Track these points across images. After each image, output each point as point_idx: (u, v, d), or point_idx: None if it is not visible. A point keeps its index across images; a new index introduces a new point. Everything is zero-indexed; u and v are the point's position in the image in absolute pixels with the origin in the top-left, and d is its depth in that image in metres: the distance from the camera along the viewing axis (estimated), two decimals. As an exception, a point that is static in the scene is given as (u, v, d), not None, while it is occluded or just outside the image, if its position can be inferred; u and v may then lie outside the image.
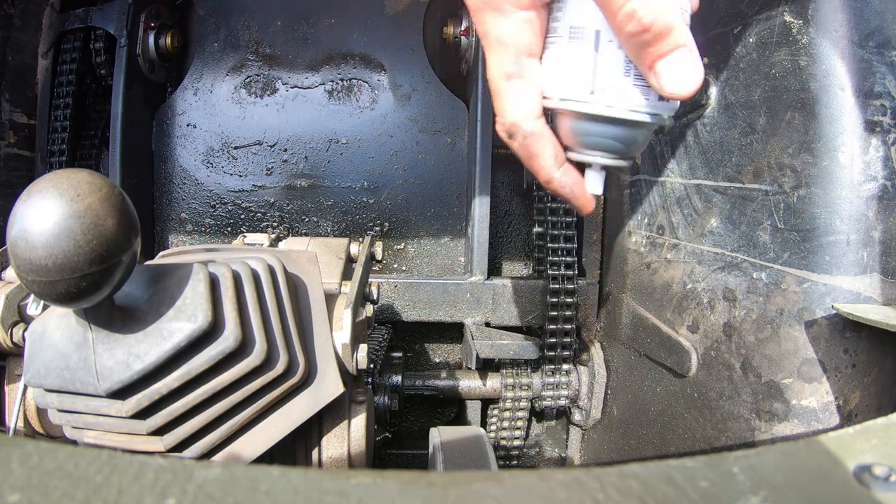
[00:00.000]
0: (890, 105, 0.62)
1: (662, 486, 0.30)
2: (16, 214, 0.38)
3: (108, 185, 0.40)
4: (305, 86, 1.20)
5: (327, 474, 0.30)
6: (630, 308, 0.96)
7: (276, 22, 1.20)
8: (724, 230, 0.74)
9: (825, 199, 0.63)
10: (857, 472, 0.32)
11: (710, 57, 0.77)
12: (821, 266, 0.63)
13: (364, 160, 1.20)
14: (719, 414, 0.73)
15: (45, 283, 0.38)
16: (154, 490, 0.28)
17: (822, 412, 0.63)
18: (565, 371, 1.08)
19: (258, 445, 0.54)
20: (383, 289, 1.08)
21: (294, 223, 1.21)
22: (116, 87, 1.13)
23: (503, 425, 1.14)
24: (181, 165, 1.21)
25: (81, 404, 0.48)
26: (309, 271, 0.60)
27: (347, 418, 0.63)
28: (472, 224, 1.09)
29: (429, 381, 1.12)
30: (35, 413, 0.74)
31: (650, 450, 0.89)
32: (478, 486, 0.30)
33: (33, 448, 0.31)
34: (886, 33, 0.62)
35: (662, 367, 0.86)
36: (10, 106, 1.18)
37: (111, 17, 1.16)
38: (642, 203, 0.92)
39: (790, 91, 0.66)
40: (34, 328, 0.49)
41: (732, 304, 0.72)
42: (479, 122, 1.08)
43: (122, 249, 0.40)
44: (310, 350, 0.57)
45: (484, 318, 1.09)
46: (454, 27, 1.16)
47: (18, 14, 1.18)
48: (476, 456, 0.72)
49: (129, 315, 0.46)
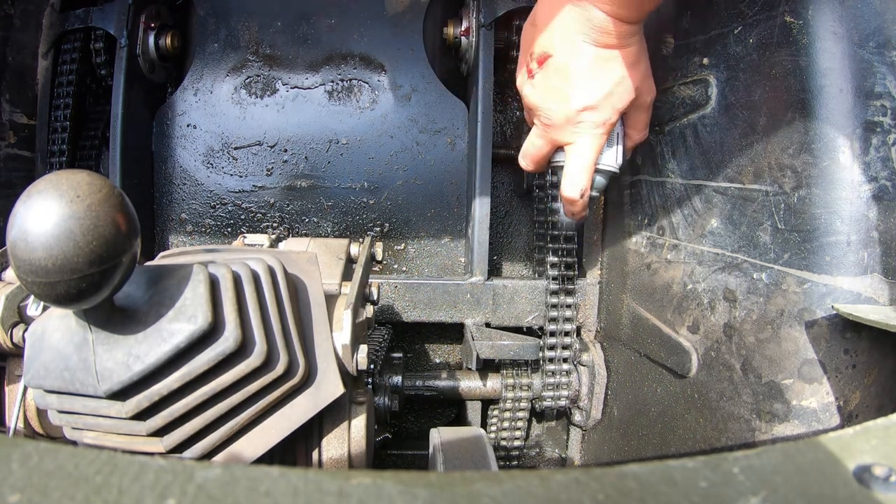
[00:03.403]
0: (890, 105, 0.62)
1: (662, 486, 0.30)
2: (15, 215, 0.38)
3: (107, 185, 0.40)
4: (305, 86, 1.20)
5: (327, 475, 0.30)
6: (630, 308, 0.96)
7: (277, 22, 1.20)
8: (724, 231, 0.74)
9: (825, 199, 0.63)
10: (857, 472, 0.32)
11: (710, 57, 0.77)
12: (821, 266, 0.63)
13: (364, 161, 1.20)
14: (719, 414, 0.73)
15: (44, 284, 0.38)
16: (154, 490, 0.28)
17: (822, 413, 0.63)
18: (565, 371, 1.08)
19: (258, 446, 0.54)
20: (383, 289, 1.08)
21: (294, 224, 1.21)
22: (116, 88, 1.13)
23: (503, 426, 1.14)
24: (181, 166, 1.21)
25: (81, 405, 0.48)
26: (309, 272, 0.60)
27: (348, 419, 0.63)
28: (473, 224, 1.09)
29: (429, 382, 1.12)
30: (35, 414, 0.74)
31: (650, 450, 0.89)
32: (478, 487, 0.30)
33: (33, 448, 0.31)
34: (886, 33, 0.62)
35: (663, 367, 0.86)
36: (10, 106, 1.18)
37: (111, 18, 1.16)
38: (642, 203, 0.92)
39: (790, 91, 0.66)
40: (34, 329, 0.49)
41: (733, 305, 0.72)
42: (480, 123, 1.08)
43: (122, 250, 0.40)
44: (310, 351, 0.57)
45: (484, 318, 1.09)
46: (454, 27, 1.16)
47: (18, 14, 1.19)
48: (476, 456, 0.72)
49: (129, 316, 0.46)
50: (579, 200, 0.80)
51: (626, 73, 0.73)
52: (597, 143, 0.76)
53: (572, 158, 0.78)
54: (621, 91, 0.73)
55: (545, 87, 0.75)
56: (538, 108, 0.77)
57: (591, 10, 0.68)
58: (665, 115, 0.85)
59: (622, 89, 0.73)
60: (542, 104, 0.76)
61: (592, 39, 0.70)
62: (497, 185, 1.21)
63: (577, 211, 0.82)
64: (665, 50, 0.86)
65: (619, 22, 0.68)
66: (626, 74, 0.73)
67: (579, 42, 0.71)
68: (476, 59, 1.10)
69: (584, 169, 0.77)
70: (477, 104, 1.08)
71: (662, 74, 0.84)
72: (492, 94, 1.08)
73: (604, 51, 0.71)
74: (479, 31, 1.09)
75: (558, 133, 0.77)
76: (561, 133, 0.77)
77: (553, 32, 0.72)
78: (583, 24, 0.69)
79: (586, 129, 0.75)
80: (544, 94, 0.75)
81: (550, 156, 0.83)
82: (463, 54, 1.18)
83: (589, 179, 0.78)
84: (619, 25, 0.68)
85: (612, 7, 0.66)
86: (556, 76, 0.73)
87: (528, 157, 0.84)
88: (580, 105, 0.73)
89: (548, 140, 0.79)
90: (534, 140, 0.81)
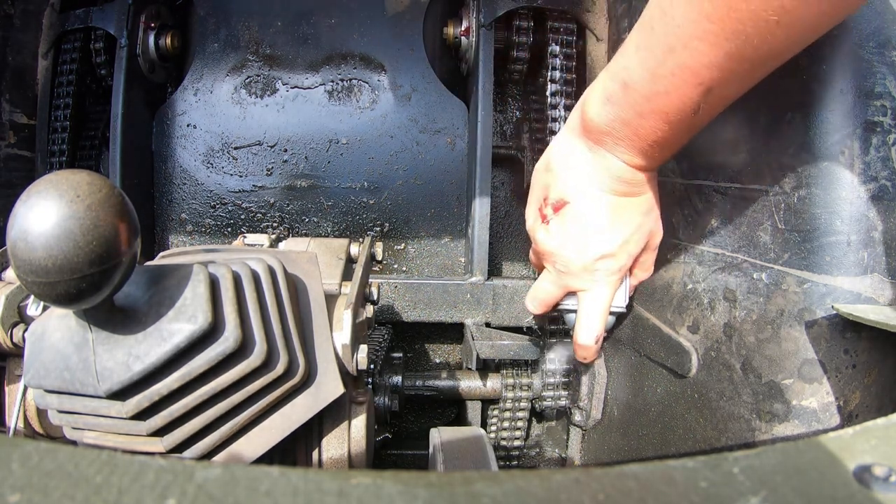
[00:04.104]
0: (890, 105, 0.62)
1: (662, 486, 0.30)
2: (15, 215, 0.38)
3: (107, 185, 0.40)
4: (306, 86, 1.20)
5: (327, 475, 0.30)
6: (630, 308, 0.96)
7: (277, 22, 1.20)
8: (724, 230, 0.74)
9: (825, 199, 0.63)
10: (857, 473, 0.32)
11: (710, 57, 0.77)
12: (821, 266, 0.63)
13: (364, 160, 1.20)
14: (719, 414, 0.73)
15: (44, 284, 0.38)
16: (154, 490, 0.28)
17: (822, 413, 0.63)
18: (565, 371, 1.08)
19: (258, 446, 0.54)
20: (383, 289, 1.08)
21: (294, 224, 1.21)
22: (116, 88, 1.13)
23: (503, 426, 1.14)
24: (181, 166, 1.21)
25: (81, 405, 0.48)
26: (309, 272, 0.60)
27: (348, 419, 0.63)
28: (473, 224, 1.09)
29: (429, 382, 1.12)
30: (35, 414, 0.74)
31: (650, 450, 0.89)
32: (478, 487, 0.30)
33: (33, 448, 0.31)
34: (886, 33, 0.62)
35: (663, 367, 0.86)
36: (10, 106, 1.18)
37: (111, 18, 1.16)
38: (642, 203, 0.92)
39: (790, 91, 0.66)
40: (34, 329, 0.49)
41: (733, 305, 0.72)
42: (480, 123, 1.08)
43: (122, 250, 0.40)
44: (310, 351, 0.57)
45: (484, 318, 1.09)
46: (454, 27, 1.16)
47: (18, 14, 1.19)
48: (476, 456, 0.72)
49: (129, 316, 0.46)
50: (594, 346, 0.79)
51: (641, 220, 0.72)
52: (612, 290, 0.76)
53: (587, 305, 0.77)
54: (637, 238, 0.73)
55: (562, 234, 0.74)
56: (553, 255, 0.76)
57: (609, 159, 0.67)
58: (665, 115, 0.85)
59: (638, 236, 0.73)
60: (558, 251, 0.75)
61: (609, 188, 0.69)
62: (497, 185, 1.21)
63: (590, 356, 0.81)
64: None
65: (636, 171, 0.68)
66: (641, 221, 0.73)
67: (597, 190, 0.70)
68: (476, 59, 1.10)
69: (599, 316, 0.77)
70: (477, 104, 1.08)
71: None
72: (492, 94, 1.08)
73: (621, 199, 0.70)
74: (479, 30, 1.09)
75: (573, 280, 0.76)
76: (576, 280, 0.76)
77: (569, 180, 0.71)
78: (601, 173, 0.69)
79: (602, 276, 0.74)
80: (561, 242, 0.74)
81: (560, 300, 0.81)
82: (463, 54, 1.18)
83: (604, 325, 0.78)
84: (636, 174, 0.68)
85: (630, 157, 0.66)
86: (574, 224, 0.72)
87: (538, 301, 0.82)
88: (598, 254, 0.72)
89: (561, 286, 0.78)
90: (545, 285, 0.80)
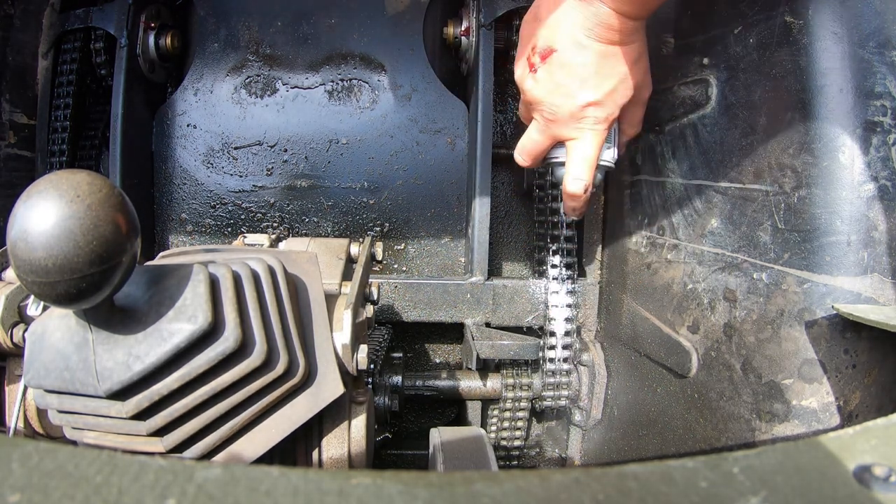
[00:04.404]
0: (890, 105, 0.62)
1: (662, 486, 0.30)
2: (16, 215, 0.38)
3: (107, 185, 0.40)
4: (305, 86, 1.20)
5: (327, 474, 0.30)
6: (630, 308, 0.96)
7: (277, 22, 1.20)
8: (724, 230, 0.74)
9: (825, 199, 0.63)
10: (857, 472, 0.32)
11: (711, 57, 0.77)
12: (821, 266, 0.63)
13: (364, 160, 1.20)
14: (719, 414, 0.73)
15: (44, 283, 0.38)
16: (154, 490, 0.28)
17: (822, 413, 0.63)
18: (565, 371, 1.08)
19: (258, 446, 0.54)
20: (383, 289, 1.08)
21: (294, 223, 1.21)
22: (116, 88, 1.13)
23: (503, 426, 1.14)
24: (181, 166, 1.21)
25: (81, 405, 0.48)
26: (309, 272, 0.60)
27: (348, 419, 0.63)
28: (473, 224, 1.09)
29: (429, 382, 1.12)
30: (35, 413, 0.74)
31: (650, 450, 0.89)
32: (478, 487, 0.30)
33: (33, 448, 0.31)
34: (886, 33, 0.62)
35: (663, 367, 0.86)
36: (10, 106, 1.18)
37: (111, 18, 1.16)
38: (642, 203, 0.92)
39: (790, 91, 0.66)
40: (34, 329, 0.49)
41: (733, 305, 0.72)
42: (480, 122, 1.08)
43: (122, 250, 0.40)
44: (310, 351, 0.57)
45: (484, 318, 1.09)
46: (454, 27, 1.16)
47: (19, 14, 1.18)
48: (476, 456, 0.72)
49: (130, 316, 0.46)
50: (582, 196, 0.80)
51: (628, 69, 0.73)
52: (599, 139, 0.76)
53: (575, 154, 0.78)
54: (624, 88, 0.74)
55: (549, 81, 0.75)
56: (541, 103, 0.77)
57: (596, 6, 0.68)
58: (665, 115, 0.85)
59: (625, 86, 0.74)
60: (545, 99, 0.76)
61: (597, 35, 0.70)
62: (497, 185, 1.21)
63: (579, 207, 0.82)
64: (665, 50, 0.86)
65: (623, 18, 0.68)
66: (628, 71, 0.73)
67: (584, 38, 0.71)
68: (476, 59, 1.10)
69: (587, 165, 0.77)
70: (477, 104, 1.08)
71: (662, 74, 0.84)
72: (492, 94, 1.08)
73: (608, 47, 0.71)
74: (479, 30, 1.09)
75: (561, 128, 0.77)
76: (563, 128, 0.77)
77: (557, 27, 0.72)
78: (588, 20, 0.69)
79: (589, 124, 0.75)
80: (548, 89, 0.75)
81: (548, 151, 0.83)
82: (463, 54, 1.18)
83: (592, 175, 0.79)
84: (624, 22, 0.69)
85: (617, 3, 0.67)
86: (561, 71, 0.73)
87: (526, 152, 0.84)
88: (585, 101, 0.73)
89: (549, 135, 0.79)
90: (533, 135, 0.81)
